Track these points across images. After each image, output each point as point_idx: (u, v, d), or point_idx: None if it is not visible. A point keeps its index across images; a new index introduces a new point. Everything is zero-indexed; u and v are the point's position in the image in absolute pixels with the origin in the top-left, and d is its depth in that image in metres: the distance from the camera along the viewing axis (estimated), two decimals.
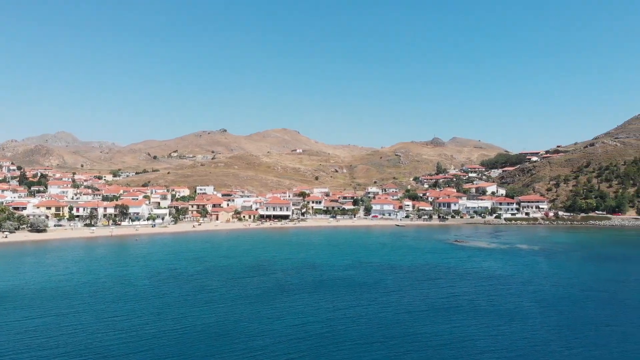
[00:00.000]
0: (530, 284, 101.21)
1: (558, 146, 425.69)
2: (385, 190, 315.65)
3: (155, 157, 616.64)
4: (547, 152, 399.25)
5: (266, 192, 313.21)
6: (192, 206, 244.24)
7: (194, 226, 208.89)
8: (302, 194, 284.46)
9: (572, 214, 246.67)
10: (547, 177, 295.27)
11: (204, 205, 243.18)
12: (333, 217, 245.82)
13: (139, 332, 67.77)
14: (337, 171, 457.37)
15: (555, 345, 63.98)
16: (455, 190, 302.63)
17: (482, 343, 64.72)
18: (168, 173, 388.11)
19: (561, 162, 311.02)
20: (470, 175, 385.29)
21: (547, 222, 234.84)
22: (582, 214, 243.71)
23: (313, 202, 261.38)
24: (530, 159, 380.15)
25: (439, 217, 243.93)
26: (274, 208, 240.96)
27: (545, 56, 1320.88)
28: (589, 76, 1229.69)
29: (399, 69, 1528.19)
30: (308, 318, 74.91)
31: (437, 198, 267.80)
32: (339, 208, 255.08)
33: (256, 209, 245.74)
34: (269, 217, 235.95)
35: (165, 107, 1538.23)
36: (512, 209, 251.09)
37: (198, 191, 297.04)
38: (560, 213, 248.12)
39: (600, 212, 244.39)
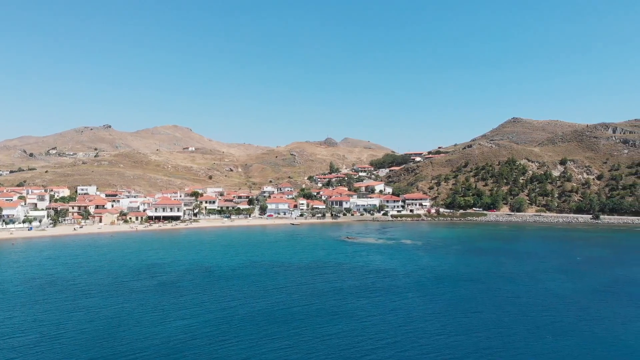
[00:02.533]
0: (412, 276, 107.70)
1: (439, 147, 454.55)
2: (280, 190, 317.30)
3: (31, 155, 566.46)
4: (429, 152, 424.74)
5: (155, 192, 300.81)
6: (73, 207, 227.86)
7: (75, 229, 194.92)
8: (195, 194, 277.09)
9: (452, 210, 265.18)
10: (429, 176, 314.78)
11: (86, 207, 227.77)
12: (227, 217, 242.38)
13: (7, 341, 62.51)
14: (232, 170, 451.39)
15: (430, 330, 68.75)
16: (347, 189, 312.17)
17: (362, 335, 67.67)
18: (46, 172, 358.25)
19: (442, 162, 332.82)
20: (360, 174, 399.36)
21: (430, 218, 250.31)
22: (461, 211, 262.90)
23: (206, 202, 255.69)
24: (414, 159, 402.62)
25: (332, 215, 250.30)
26: (163, 209, 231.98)
27: (428, 67, 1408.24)
28: (467, 83, 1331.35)
29: (294, 70, 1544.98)
30: (196, 319, 73.47)
31: (330, 197, 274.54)
32: (233, 208, 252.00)
33: (144, 210, 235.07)
34: (158, 218, 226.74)
35: (43, 100, 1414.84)
36: (398, 206, 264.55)
37: (79, 191, 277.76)
38: (442, 210, 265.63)
39: (477, 209, 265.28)
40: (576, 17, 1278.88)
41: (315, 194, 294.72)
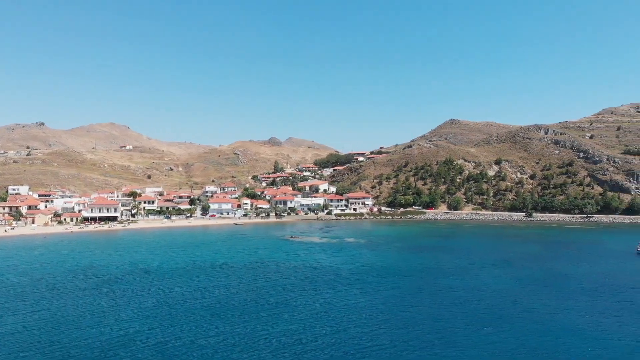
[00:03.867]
0: (355, 272, 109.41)
1: (381, 147, 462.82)
2: (223, 189, 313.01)
3: None
4: (372, 152, 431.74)
5: (91, 192, 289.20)
6: (4, 208, 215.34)
7: (5, 231, 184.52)
8: (133, 194, 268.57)
9: (393, 209, 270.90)
10: (372, 175, 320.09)
11: (17, 207, 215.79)
12: (168, 217, 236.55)
13: None
14: (172, 169, 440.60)
15: (371, 324, 70.09)
16: (291, 188, 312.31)
17: (303, 332, 68.05)
18: None
19: (384, 162, 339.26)
20: (305, 174, 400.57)
21: (372, 217, 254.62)
22: (402, 209, 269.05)
23: (145, 203, 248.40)
24: (357, 159, 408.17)
25: (276, 214, 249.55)
26: (100, 209, 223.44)
27: (369, 68, 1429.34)
28: (407, 85, 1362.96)
29: (236, 68, 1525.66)
30: (134, 321, 71.38)
31: (275, 196, 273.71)
32: (174, 208, 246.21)
33: (79, 211, 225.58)
34: (94, 219, 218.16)
35: None
36: (341, 206, 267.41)
37: (10, 191, 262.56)
38: (383, 208, 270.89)
39: (417, 207, 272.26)
40: (506, 20, 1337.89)
41: (259, 193, 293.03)
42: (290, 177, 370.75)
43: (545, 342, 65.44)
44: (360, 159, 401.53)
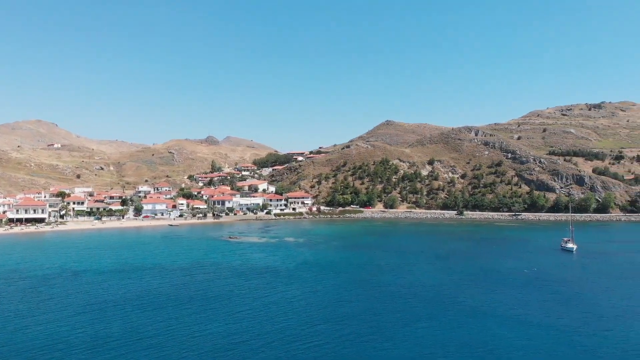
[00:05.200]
0: (294, 271, 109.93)
1: (320, 147, 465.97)
2: (157, 189, 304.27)
3: None
4: (311, 152, 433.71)
5: (17, 192, 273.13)
6: None
7: None
8: (61, 194, 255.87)
9: (332, 208, 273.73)
10: (311, 175, 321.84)
11: None
12: (98, 218, 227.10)
13: None
14: (103, 169, 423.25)
15: (307, 321, 70.87)
16: (229, 188, 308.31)
17: (238, 332, 67.79)
18: None
19: (323, 162, 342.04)
20: (243, 173, 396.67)
21: (311, 216, 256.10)
22: (340, 208, 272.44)
23: (74, 203, 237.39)
24: (297, 158, 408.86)
25: (214, 214, 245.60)
26: (26, 210, 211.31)
27: (309, 68, 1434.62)
28: (346, 84, 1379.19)
29: (171, 63, 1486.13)
30: (61, 326, 68.39)
31: (212, 196, 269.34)
32: (105, 209, 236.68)
33: (4, 212, 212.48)
34: (20, 220, 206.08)
35: None
36: (281, 205, 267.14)
37: None
38: (322, 207, 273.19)
39: (355, 206, 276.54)
40: (438, 24, 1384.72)
41: (195, 193, 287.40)
42: (229, 177, 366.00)
43: (476, 333, 68.48)
44: (300, 158, 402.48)
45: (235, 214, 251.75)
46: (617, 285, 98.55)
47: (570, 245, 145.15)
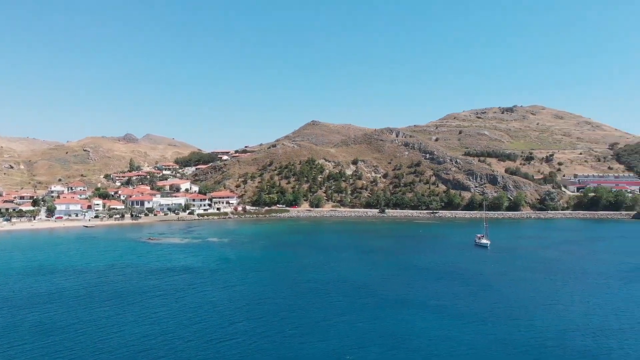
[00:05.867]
0: (217, 272, 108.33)
1: (246, 146, 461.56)
2: (72, 189, 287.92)
3: None
4: (236, 151, 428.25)
5: None
6: None
7: None
8: None
9: (257, 207, 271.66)
10: (236, 174, 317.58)
11: None
12: (7, 219, 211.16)
13: None
14: (12, 167, 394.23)
15: (234, 320, 70.03)
16: (149, 187, 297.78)
17: (155, 334, 65.78)
18: None
19: (249, 161, 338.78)
20: (164, 172, 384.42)
21: (237, 216, 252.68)
22: (266, 208, 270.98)
23: None
24: (221, 157, 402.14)
25: (132, 215, 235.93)
26: None
27: (234, 64, 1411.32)
28: (273, 83, 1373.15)
29: (86, 57, 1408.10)
30: None
31: (130, 196, 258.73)
32: (14, 210, 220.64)
33: None
34: None
35: None
36: (205, 205, 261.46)
37: None
38: (248, 207, 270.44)
39: (281, 206, 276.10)
40: (359, 29, 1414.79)
41: (112, 193, 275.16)
42: (148, 176, 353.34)
43: (395, 324, 70.84)
44: (225, 157, 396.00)
45: (155, 215, 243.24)
46: (526, 278, 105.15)
47: (484, 241, 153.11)
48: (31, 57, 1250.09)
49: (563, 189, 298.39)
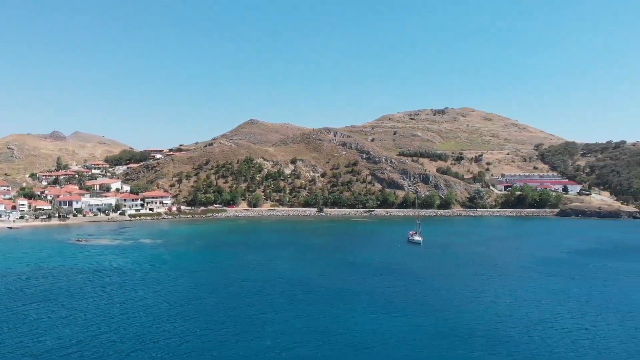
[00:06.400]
0: (150, 273, 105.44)
1: (181, 145, 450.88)
2: None
3: None
4: (170, 150, 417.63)
5: None
6: None
7: None
8: None
9: (193, 207, 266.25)
10: (170, 173, 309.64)
11: None
12: None
13: None
14: None
15: (168, 321, 68.72)
16: (78, 187, 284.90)
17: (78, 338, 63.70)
18: None
19: (184, 160, 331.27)
20: (94, 171, 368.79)
21: (171, 217, 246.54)
22: (202, 208, 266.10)
23: None
24: (154, 156, 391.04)
25: (60, 216, 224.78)
26: None
27: (167, 60, 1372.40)
28: (210, 81, 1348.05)
29: (9, 51, 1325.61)
30: None
31: (58, 196, 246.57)
32: None
33: None
34: None
35: None
36: (137, 205, 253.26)
37: None
38: (183, 207, 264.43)
39: (218, 205, 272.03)
40: (298, 29, 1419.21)
41: (39, 193, 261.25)
42: (77, 175, 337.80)
43: (332, 319, 71.92)
44: (158, 156, 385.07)
45: (84, 215, 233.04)
46: (456, 273, 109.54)
47: (417, 237, 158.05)
48: None
49: (491, 187, 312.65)
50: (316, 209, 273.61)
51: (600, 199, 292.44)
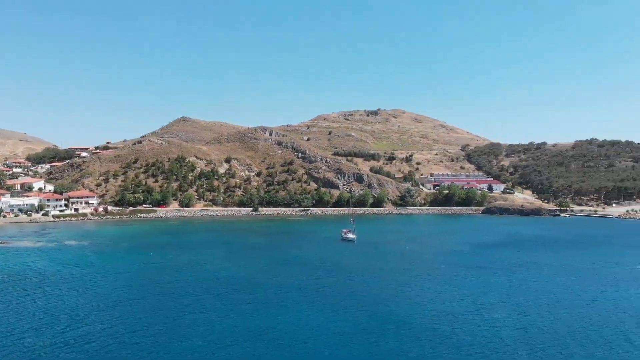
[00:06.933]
0: (74, 276, 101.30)
1: (108, 142, 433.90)
2: None
3: None
4: (97, 148, 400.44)
5: None
6: None
7: None
8: None
9: (121, 208, 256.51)
10: (97, 172, 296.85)
11: None
12: None
13: None
14: None
15: (82, 324, 66.47)
16: None
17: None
18: None
19: (111, 158, 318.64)
20: (15, 170, 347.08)
21: (97, 217, 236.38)
22: (131, 208, 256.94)
23: None
24: (80, 154, 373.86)
25: None
26: None
27: (92, 53, 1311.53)
28: (138, 78, 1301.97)
29: None
30: None
31: None
32: None
33: None
34: None
35: None
36: (61, 206, 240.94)
37: None
38: (110, 208, 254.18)
39: (148, 206, 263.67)
40: (229, 28, 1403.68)
41: None
42: None
43: (264, 317, 72.21)
44: (84, 154, 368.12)
45: (4, 217, 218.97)
46: (388, 269, 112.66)
47: (350, 235, 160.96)
48: None
49: (421, 186, 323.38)
50: (251, 208, 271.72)
51: (523, 197, 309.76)
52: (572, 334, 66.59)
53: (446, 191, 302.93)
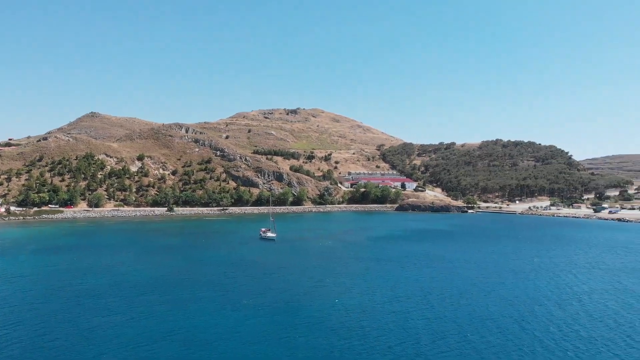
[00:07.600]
0: None
1: (10, 139, 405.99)
2: None
3: None
4: None
5: None
6: None
7: None
8: None
9: (25, 208, 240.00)
10: None
11: None
12: None
13: None
14: None
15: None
16: None
17: None
18: None
19: (13, 156, 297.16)
20: None
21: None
22: (36, 208, 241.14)
23: None
24: None
25: None
26: None
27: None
28: (43, 70, 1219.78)
29: None
30: None
31: None
32: None
33: None
34: None
35: None
36: None
37: None
38: (13, 208, 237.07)
39: (54, 206, 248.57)
40: (153, 24, 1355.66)
41: None
42: None
43: (176, 318, 70.85)
44: None
45: None
46: (307, 266, 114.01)
47: (270, 234, 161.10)
48: None
49: (339, 185, 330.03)
50: (166, 208, 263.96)
51: (434, 194, 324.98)
52: (471, 323, 71.01)
53: (363, 189, 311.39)
